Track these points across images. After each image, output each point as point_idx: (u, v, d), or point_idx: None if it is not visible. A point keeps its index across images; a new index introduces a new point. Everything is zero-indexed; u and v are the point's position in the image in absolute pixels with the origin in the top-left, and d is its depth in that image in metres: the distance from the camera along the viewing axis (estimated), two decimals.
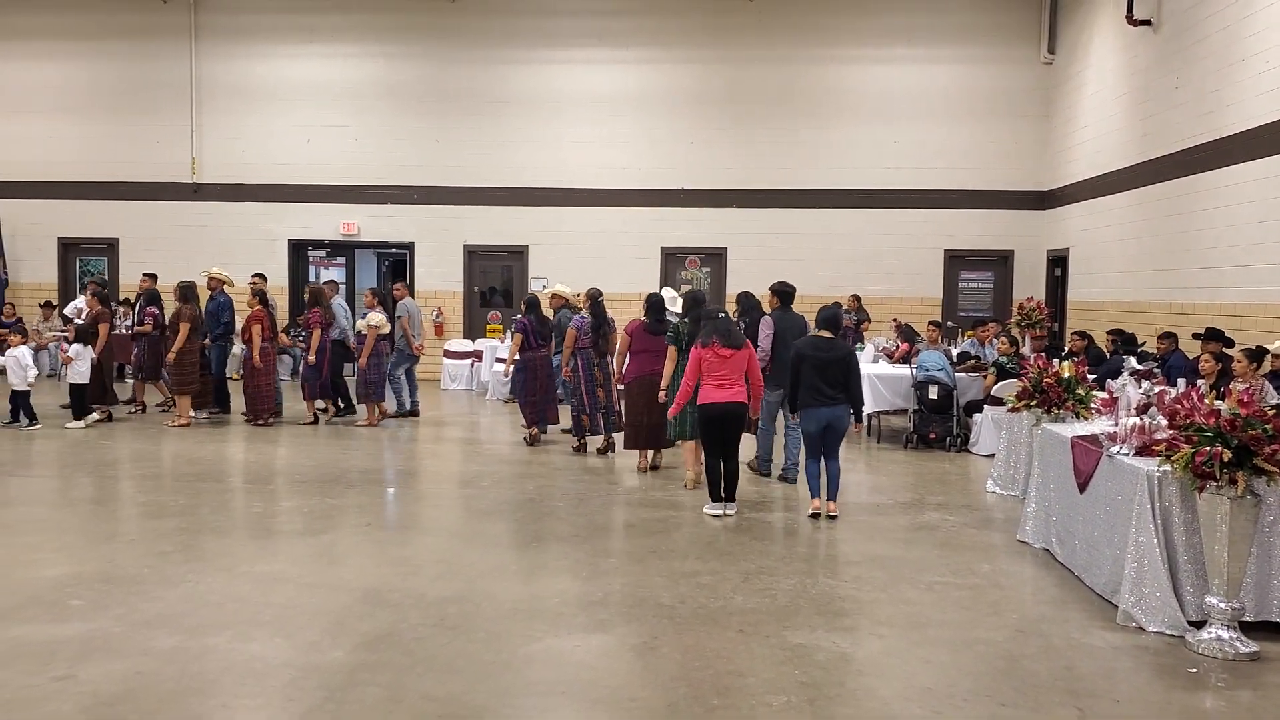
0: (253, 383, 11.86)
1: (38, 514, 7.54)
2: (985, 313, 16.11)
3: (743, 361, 7.67)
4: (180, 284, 11.87)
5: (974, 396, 11.24)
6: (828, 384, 7.60)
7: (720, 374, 7.59)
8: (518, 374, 10.91)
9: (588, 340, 10.24)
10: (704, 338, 7.68)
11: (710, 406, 7.61)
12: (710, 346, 7.59)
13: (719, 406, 7.58)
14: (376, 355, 11.87)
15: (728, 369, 7.59)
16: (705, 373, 7.63)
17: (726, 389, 7.59)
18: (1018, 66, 16.28)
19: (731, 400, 7.59)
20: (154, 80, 17.47)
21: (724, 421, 7.62)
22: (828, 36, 16.60)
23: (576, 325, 10.30)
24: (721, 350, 7.57)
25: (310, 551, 6.58)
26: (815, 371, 7.59)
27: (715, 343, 7.58)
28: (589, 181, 16.99)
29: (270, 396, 11.97)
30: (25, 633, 4.94)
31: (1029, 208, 16.40)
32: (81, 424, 11.32)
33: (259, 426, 11.72)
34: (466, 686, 4.43)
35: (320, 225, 17.55)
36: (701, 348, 7.64)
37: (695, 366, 7.68)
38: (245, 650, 4.78)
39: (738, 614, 5.46)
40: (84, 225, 17.81)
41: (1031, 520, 7.05)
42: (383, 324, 11.87)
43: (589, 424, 10.32)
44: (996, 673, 4.74)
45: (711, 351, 7.58)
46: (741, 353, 7.66)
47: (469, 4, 16.99)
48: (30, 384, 11.25)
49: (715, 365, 7.58)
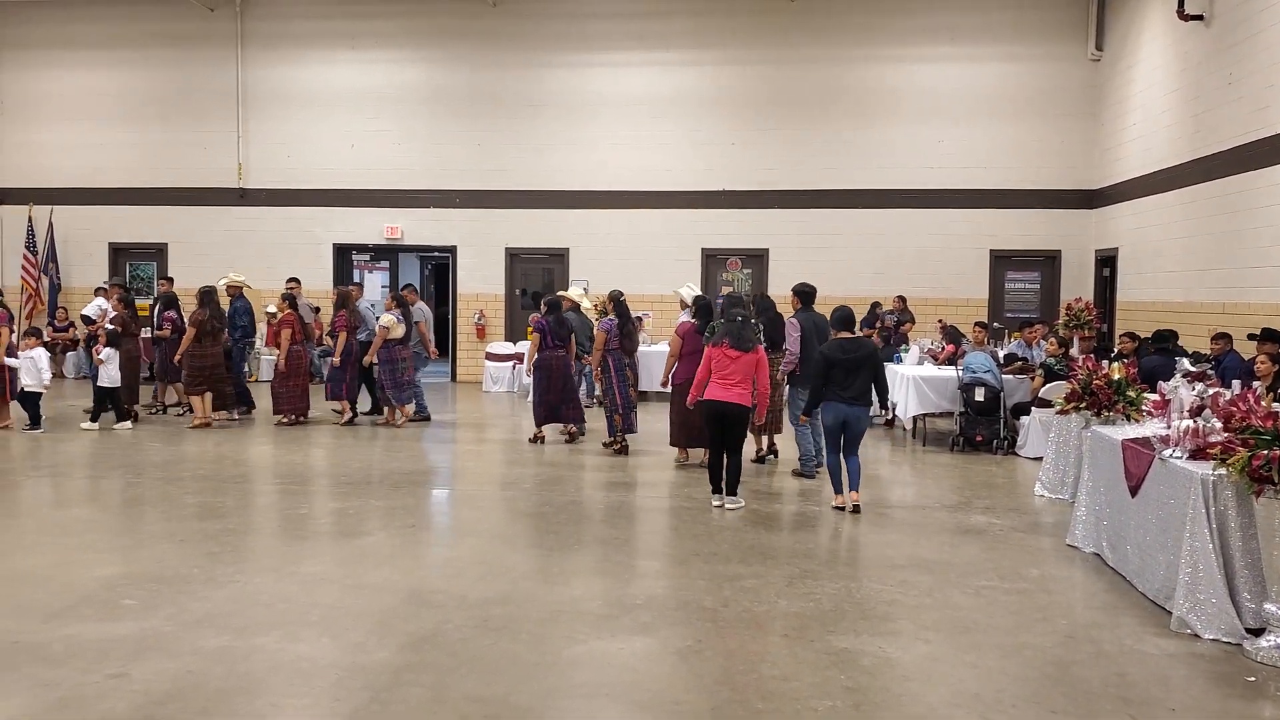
0: (282, 385, 12.02)
1: (89, 515, 7.67)
2: (1032, 314, 15.89)
3: (751, 364, 7.87)
4: (200, 289, 12.08)
5: (1021, 398, 11.09)
6: (853, 384, 7.83)
7: (727, 373, 7.82)
8: (537, 374, 11.00)
9: (617, 341, 10.37)
10: (716, 338, 7.98)
11: (712, 403, 7.86)
12: (720, 346, 7.85)
13: (720, 404, 7.82)
14: (391, 359, 11.93)
15: (735, 369, 7.81)
16: (714, 371, 7.87)
17: (730, 388, 7.81)
18: (1064, 64, 16.06)
19: (734, 400, 7.80)
20: (201, 87, 17.74)
21: (724, 419, 7.86)
22: (870, 36, 16.48)
23: (605, 328, 10.44)
24: (730, 351, 7.81)
25: (355, 552, 6.63)
26: (845, 374, 7.83)
27: (726, 343, 7.84)
28: (629, 184, 17.00)
29: (298, 398, 12.12)
30: (80, 631, 5.03)
31: (1076, 207, 16.16)
32: (129, 425, 11.57)
33: (286, 427, 11.88)
34: (510, 688, 4.44)
35: (364, 229, 17.72)
36: (713, 346, 7.94)
37: (706, 364, 7.96)
38: (292, 650, 4.83)
39: (782, 618, 5.42)
40: (133, 230, 18.12)
41: (1081, 524, 6.94)
42: (393, 326, 11.90)
43: (622, 423, 10.40)
44: (1046, 679, 4.66)
45: (721, 351, 7.84)
46: (750, 355, 7.86)
47: (509, 8, 17.08)
48: (45, 386, 11.39)
49: (724, 364, 7.83)
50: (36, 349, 11.39)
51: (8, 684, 4.39)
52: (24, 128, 18.18)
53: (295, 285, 12.83)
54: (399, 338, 11.94)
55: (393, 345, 11.89)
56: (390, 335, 11.84)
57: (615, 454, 10.39)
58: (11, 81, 18.19)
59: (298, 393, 12.12)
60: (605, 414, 10.62)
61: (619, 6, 16.99)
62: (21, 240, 17.76)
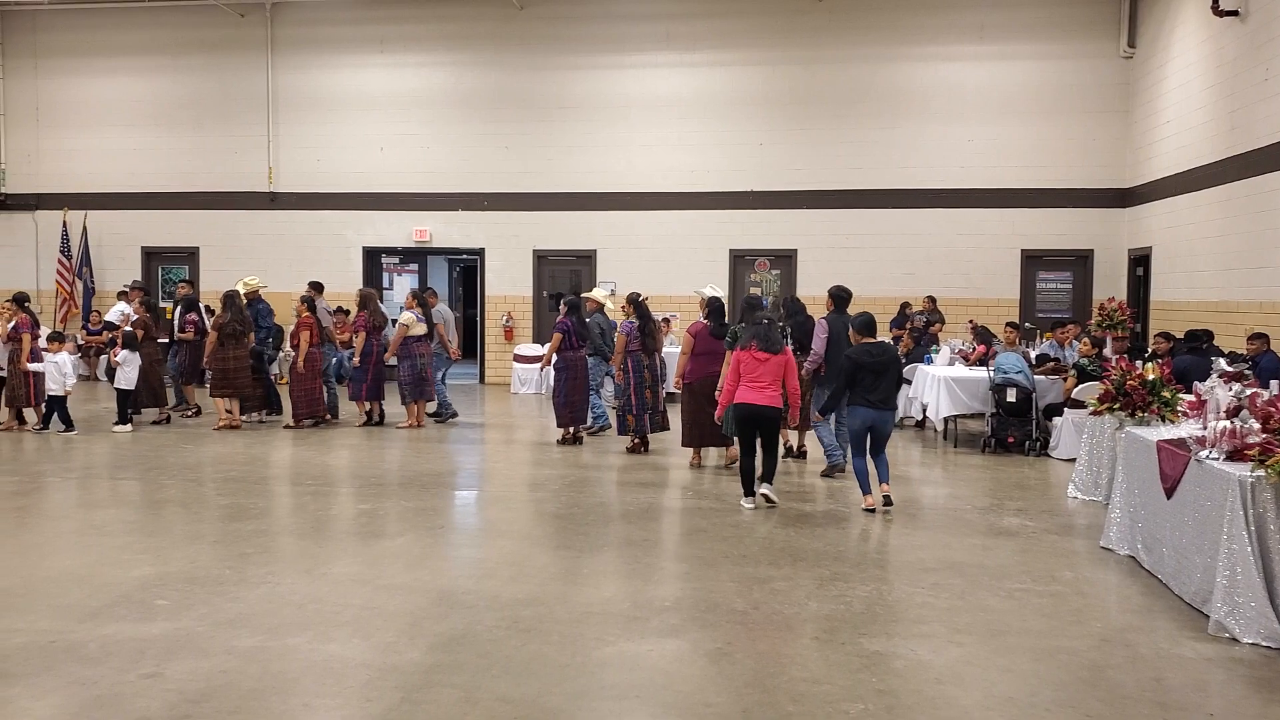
0: (299, 387, 12.13)
1: (124, 516, 7.75)
2: (1064, 314, 15.75)
3: (780, 366, 7.89)
4: (224, 293, 12.22)
5: (1054, 399, 10.99)
6: (879, 388, 7.88)
7: (756, 376, 7.84)
8: (559, 374, 11.05)
9: (637, 343, 10.44)
10: (744, 341, 8.00)
11: (743, 407, 7.88)
12: (749, 349, 7.87)
13: (752, 408, 7.85)
14: (410, 358, 11.99)
15: (764, 371, 7.83)
16: (743, 374, 7.89)
17: (761, 391, 7.83)
18: (1096, 61, 15.90)
19: (765, 403, 7.83)
20: (232, 93, 17.93)
21: (756, 421, 7.89)
22: (898, 35, 16.40)
23: (626, 330, 10.50)
24: (758, 354, 7.83)
25: (385, 553, 6.67)
26: (873, 377, 7.86)
27: (753, 346, 7.86)
28: (657, 185, 17.00)
29: (316, 400, 12.22)
30: (116, 630, 5.08)
31: (1109, 206, 16.00)
32: (128, 428, 11.63)
33: (309, 429, 11.98)
34: (541, 689, 4.44)
35: (394, 232, 17.83)
36: (741, 350, 7.95)
37: (735, 368, 7.96)
38: (324, 650, 4.86)
39: (812, 620, 5.39)
40: (166, 234, 18.33)
41: (1115, 526, 6.86)
42: (413, 323, 11.97)
43: (634, 424, 10.47)
44: (1081, 683, 4.61)
45: (749, 354, 7.86)
46: (779, 358, 7.89)
47: (537, 11, 17.13)
48: (68, 390, 11.51)
49: (752, 367, 7.84)
50: (60, 353, 11.49)
51: (46, 682, 4.45)
52: (59, 134, 18.45)
53: (313, 290, 12.95)
54: (419, 335, 12.03)
55: (412, 342, 11.98)
56: (410, 332, 11.93)
57: (628, 452, 10.49)
58: (48, 89, 18.45)
59: (316, 395, 12.22)
60: (618, 414, 10.72)
61: (646, 8, 17.00)
62: (56, 245, 18.00)
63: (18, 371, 11.58)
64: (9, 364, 11.71)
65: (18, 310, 11.78)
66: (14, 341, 11.61)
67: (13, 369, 11.65)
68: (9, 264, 18.61)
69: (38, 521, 7.55)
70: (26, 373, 11.52)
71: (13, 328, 11.61)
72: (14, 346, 11.62)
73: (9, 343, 11.67)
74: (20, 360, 11.51)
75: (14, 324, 11.62)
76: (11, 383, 11.71)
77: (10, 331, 11.62)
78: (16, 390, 11.63)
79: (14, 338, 11.60)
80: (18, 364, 11.54)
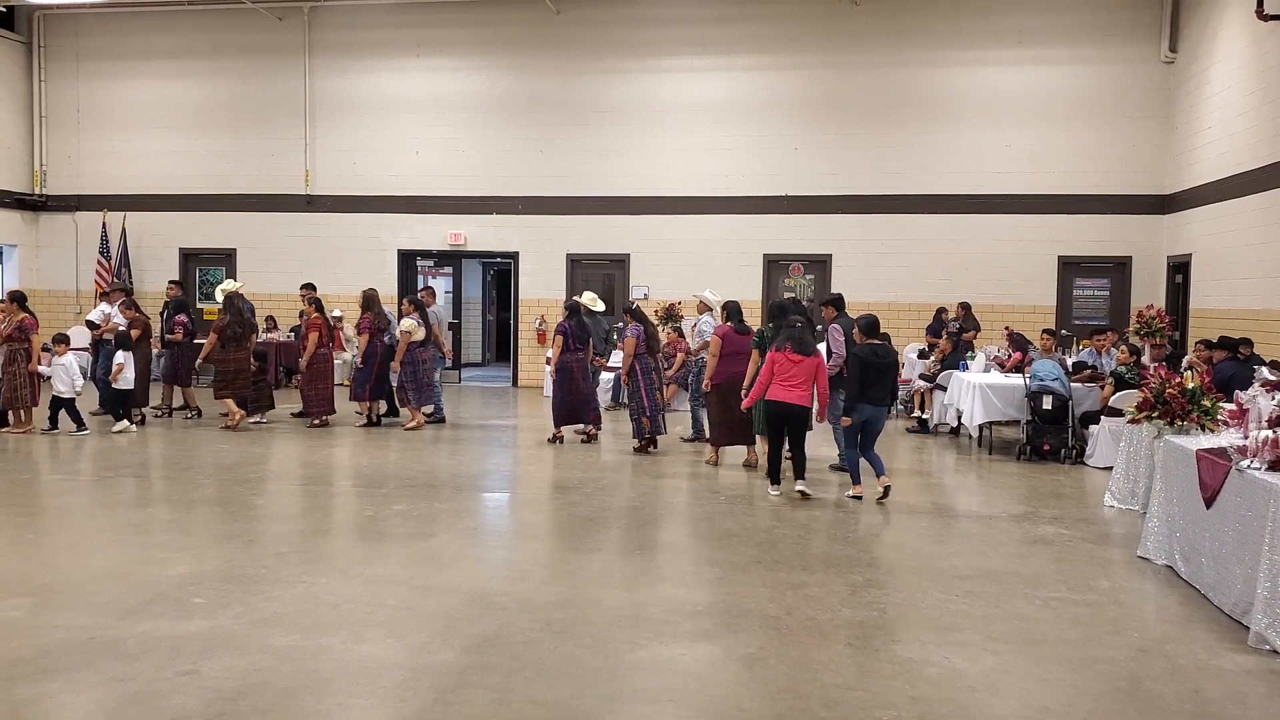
0: (310, 387, 12.28)
1: (161, 515, 7.85)
2: (1101, 320, 15.58)
3: (812, 368, 8.39)
4: (225, 296, 12.32)
5: (1090, 407, 10.87)
6: (879, 386, 8.50)
7: (789, 376, 8.34)
8: (558, 376, 11.34)
9: (644, 347, 10.88)
10: (779, 342, 8.49)
11: (777, 404, 8.39)
12: (784, 351, 8.37)
13: (784, 405, 8.37)
14: (413, 361, 12.16)
15: (797, 372, 8.34)
16: (777, 374, 8.38)
17: (793, 389, 8.34)
18: (1136, 66, 15.72)
19: (796, 401, 8.35)
20: (270, 96, 18.12)
21: (788, 418, 8.43)
22: (935, 39, 16.30)
23: (634, 334, 10.89)
24: (793, 355, 8.34)
25: (419, 554, 6.71)
26: (877, 375, 8.47)
27: (789, 348, 8.36)
28: (691, 189, 17.00)
29: (327, 399, 12.36)
30: (153, 628, 5.15)
31: (1148, 212, 15.81)
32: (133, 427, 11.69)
33: (317, 429, 12.12)
34: (574, 691, 4.45)
35: (428, 235, 17.94)
36: (776, 350, 8.44)
37: (769, 367, 8.45)
38: (359, 650, 4.89)
39: (845, 626, 5.36)
40: (203, 236, 18.55)
41: (1153, 536, 6.77)
42: (415, 330, 12.16)
43: (649, 425, 10.79)
44: (1118, 693, 4.55)
45: (784, 356, 8.36)
46: (811, 359, 8.39)
47: (572, 15, 17.18)
48: (77, 392, 11.48)
49: (786, 368, 8.35)
50: (67, 355, 11.41)
51: (86, 678, 4.51)
52: (100, 137, 18.73)
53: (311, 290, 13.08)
54: (420, 340, 12.25)
55: (414, 347, 12.17)
56: (413, 338, 12.14)
57: (635, 452, 10.80)
58: (88, 92, 18.74)
59: (325, 396, 12.36)
60: (631, 416, 10.97)
61: (681, 12, 17.01)
62: (96, 245, 18.27)
63: (20, 372, 11.30)
64: (7, 365, 11.33)
65: (18, 310, 11.57)
66: (13, 342, 11.32)
67: (12, 370, 11.32)
68: (50, 264, 18.92)
69: (76, 520, 7.66)
70: (32, 373, 11.33)
71: (16, 328, 11.36)
72: (14, 347, 11.32)
73: (7, 343, 11.33)
74: (31, 361, 11.35)
75: (18, 324, 11.38)
76: (13, 384, 11.34)
77: (13, 331, 11.34)
78: (19, 391, 11.34)
79: (15, 338, 11.33)
80: (19, 365, 11.30)
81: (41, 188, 18.92)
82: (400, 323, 12.27)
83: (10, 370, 11.35)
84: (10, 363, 11.35)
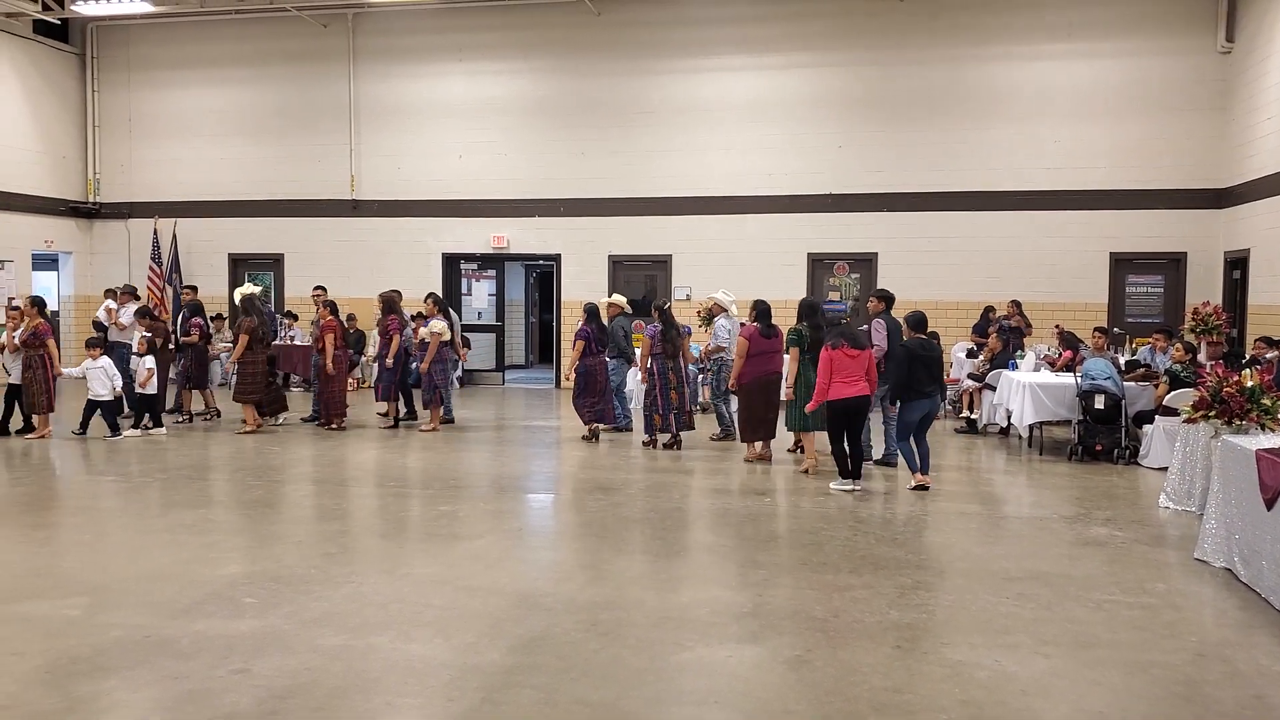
0: (329, 389, 12.39)
1: (212, 516, 7.96)
2: (1155, 318, 15.30)
3: (865, 361, 8.77)
4: (243, 299, 12.39)
5: (1144, 406, 10.67)
6: (930, 379, 8.88)
7: (849, 372, 8.67)
8: (580, 378, 11.58)
9: (660, 347, 11.09)
10: (834, 341, 8.78)
11: (840, 401, 8.70)
12: (840, 349, 8.68)
13: (848, 401, 8.69)
14: (440, 361, 12.30)
15: (855, 366, 8.70)
16: (835, 371, 8.67)
17: (853, 385, 8.68)
18: (1191, 57, 15.41)
19: (858, 394, 8.71)
20: (315, 102, 18.33)
21: (853, 413, 8.77)
22: (981, 34, 16.10)
23: (650, 334, 11.12)
24: (850, 351, 8.70)
25: (465, 555, 6.74)
26: (924, 369, 8.83)
27: (844, 345, 8.70)
28: (733, 189, 16.94)
29: (343, 402, 12.49)
30: (206, 627, 5.22)
31: (1204, 206, 15.48)
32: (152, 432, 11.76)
33: (335, 431, 12.23)
34: (619, 693, 4.44)
35: (472, 239, 18.05)
36: (832, 349, 8.72)
37: (828, 366, 8.72)
38: (406, 650, 4.92)
39: (894, 629, 5.30)
40: (252, 241, 18.82)
41: (1211, 537, 6.62)
42: (445, 331, 12.31)
43: (661, 423, 11.12)
44: (1175, 698, 4.45)
45: (841, 353, 8.68)
46: (865, 353, 8.79)
47: (613, 17, 17.20)
48: (118, 394, 11.53)
49: (844, 364, 8.67)
50: (102, 359, 11.42)
51: (141, 676, 4.58)
52: (151, 145, 19.07)
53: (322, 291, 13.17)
54: (447, 341, 12.45)
55: (443, 348, 12.34)
56: (444, 339, 12.31)
57: (644, 445, 11.19)
58: (139, 101, 19.09)
59: (343, 398, 12.50)
60: (644, 413, 11.30)
61: (722, 12, 16.95)
62: (148, 252, 18.59)
63: (38, 378, 11.27)
64: (26, 370, 11.30)
65: (36, 314, 11.42)
66: (31, 348, 11.27)
67: (30, 375, 11.29)
68: (103, 270, 19.28)
69: (128, 521, 7.79)
70: (49, 378, 11.29)
71: (32, 334, 11.27)
72: (30, 353, 11.27)
73: (24, 350, 11.29)
74: (54, 365, 11.36)
75: (34, 329, 11.28)
76: (31, 389, 11.33)
77: (29, 338, 11.28)
78: (37, 397, 11.30)
79: (33, 344, 11.27)
80: (35, 370, 11.26)
81: (95, 195, 19.32)
82: (431, 324, 12.35)
83: (28, 376, 11.34)
84: (27, 368, 11.33)
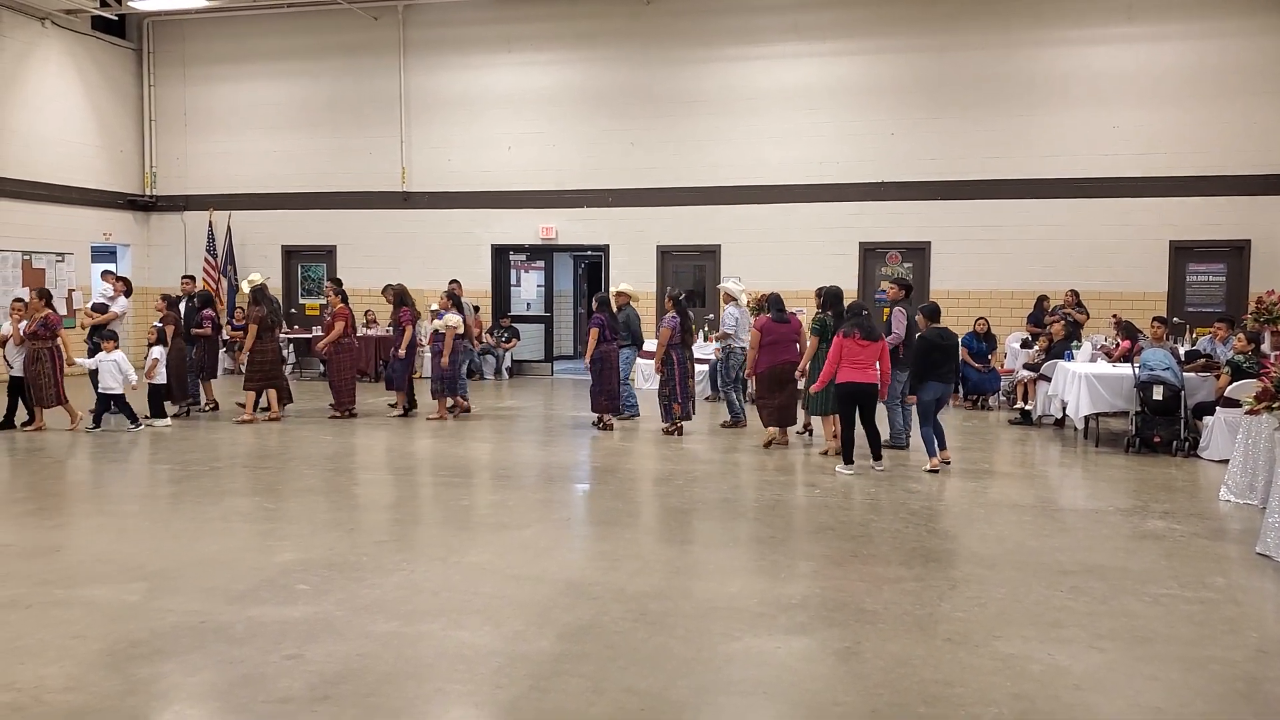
0: (338, 378, 12.54)
1: (265, 504, 8.09)
2: (1217, 308, 14.94)
3: (877, 351, 9.14)
4: (253, 289, 12.49)
5: (1204, 398, 10.44)
6: (946, 366, 9.36)
7: (859, 359, 9.06)
8: (595, 366, 11.76)
9: (678, 337, 11.39)
10: (847, 329, 9.15)
11: (848, 385, 9.11)
12: (852, 337, 9.06)
13: (855, 385, 9.08)
14: (454, 351, 12.44)
15: (865, 355, 9.08)
16: (845, 358, 9.08)
17: (863, 371, 9.07)
18: (1258, 38, 15.00)
19: (866, 381, 9.08)
20: (366, 94, 18.51)
21: (859, 398, 9.13)
22: (1037, 19, 15.81)
23: (670, 324, 11.38)
24: (861, 341, 9.06)
25: (514, 543, 6.78)
26: (942, 356, 9.31)
27: (856, 334, 9.06)
28: (783, 178, 16.82)
29: (352, 390, 12.64)
30: (260, 613, 5.30)
31: (1268, 193, 15.07)
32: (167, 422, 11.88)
33: (344, 419, 12.37)
34: (667, 682, 4.43)
35: (521, 230, 18.13)
36: (844, 337, 9.11)
37: (837, 352, 9.14)
38: (456, 637, 4.96)
39: (945, 622, 5.24)
40: (304, 233, 19.06)
41: (1274, 531, 6.46)
42: (459, 325, 12.48)
43: (680, 411, 11.41)
44: (1235, 695, 4.35)
45: (853, 341, 9.06)
46: (877, 344, 9.15)
47: (662, 6, 17.15)
48: (134, 386, 11.59)
49: (855, 352, 9.07)
50: (116, 352, 11.40)
51: (198, 660, 4.67)
52: (206, 138, 19.39)
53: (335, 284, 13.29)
54: (461, 334, 12.62)
55: (457, 340, 12.50)
56: (458, 332, 12.48)
57: (664, 433, 11.40)
58: (195, 95, 19.41)
59: (351, 386, 12.66)
60: (661, 402, 11.55)
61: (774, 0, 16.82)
62: (203, 244, 18.92)
63: (45, 371, 11.22)
64: (34, 363, 11.23)
65: (42, 306, 11.34)
66: (39, 340, 11.22)
67: (39, 368, 11.22)
68: (160, 263, 19.67)
69: (182, 508, 7.93)
70: (58, 371, 11.28)
71: (42, 324, 11.23)
72: (38, 345, 11.22)
73: (30, 342, 11.23)
74: (68, 356, 11.41)
75: (42, 319, 11.24)
76: (39, 383, 11.24)
77: (39, 329, 11.22)
78: (46, 390, 11.26)
79: (44, 335, 11.22)
80: (42, 364, 11.21)
81: (152, 189, 19.68)
82: (445, 317, 12.50)
83: (34, 370, 11.27)
84: (35, 361, 11.26)
